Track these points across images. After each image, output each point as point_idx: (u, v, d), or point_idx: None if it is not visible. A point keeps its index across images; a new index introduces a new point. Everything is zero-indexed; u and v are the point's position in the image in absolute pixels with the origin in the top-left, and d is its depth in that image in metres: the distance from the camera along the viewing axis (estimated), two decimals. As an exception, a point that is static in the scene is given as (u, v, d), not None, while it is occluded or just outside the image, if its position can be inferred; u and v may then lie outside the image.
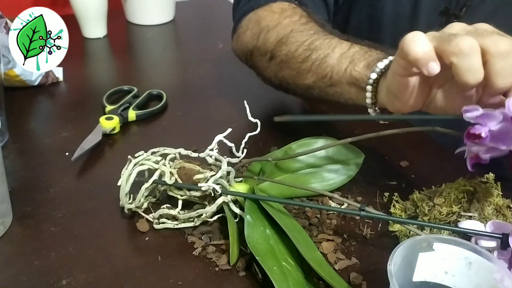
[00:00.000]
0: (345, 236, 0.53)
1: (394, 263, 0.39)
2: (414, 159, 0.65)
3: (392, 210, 0.55)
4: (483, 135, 0.42)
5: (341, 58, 0.56)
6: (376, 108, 0.53)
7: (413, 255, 0.42)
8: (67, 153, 0.65)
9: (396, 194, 0.57)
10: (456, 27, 0.45)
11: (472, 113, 0.43)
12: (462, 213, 0.50)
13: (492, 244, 0.45)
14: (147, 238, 0.52)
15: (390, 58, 0.52)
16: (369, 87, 0.52)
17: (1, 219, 0.52)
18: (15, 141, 0.68)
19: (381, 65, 0.52)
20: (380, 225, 0.54)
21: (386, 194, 0.58)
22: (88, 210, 0.56)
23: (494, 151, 0.44)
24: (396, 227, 0.52)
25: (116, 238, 0.53)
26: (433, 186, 0.56)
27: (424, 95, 0.47)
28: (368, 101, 0.53)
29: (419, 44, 0.43)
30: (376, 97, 0.52)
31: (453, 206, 0.52)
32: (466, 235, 0.47)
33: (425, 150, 0.68)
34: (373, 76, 0.52)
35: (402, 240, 0.51)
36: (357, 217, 0.55)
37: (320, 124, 0.72)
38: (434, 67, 0.43)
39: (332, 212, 0.56)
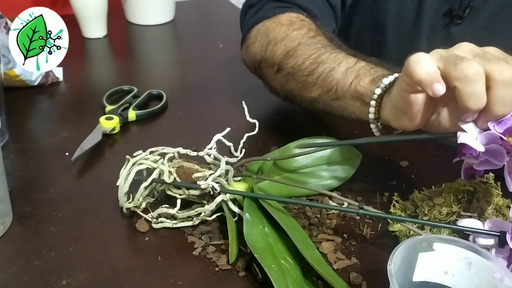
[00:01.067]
0: (345, 236, 0.53)
1: (394, 263, 0.39)
2: (414, 159, 0.65)
3: (392, 210, 0.56)
4: (474, 154, 0.44)
5: (346, 72, 0.56)
6: (379, 123, 0.54)
7: (413, 255, 0.42)
8: (67, 153, 0.65)
9: (396, 194, 0.57)
10: (465, 48, 0.45)
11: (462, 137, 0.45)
12: (462, 213, 0.50)
13: (490, 242, 0.45)
14: (147, 238, 0.52)
15: (396, 75, 0.52)
16: (373, 102, 0.52)
17: (1, 219, 0.52)
18: (15, 141, 0.68)
19: (386, 81, 0.52)
20: (380, 225, 0.54)
21: (386, 194, 0.58)
22: (88, 210, 0.56)
23: (488, 164, 0.45)
24: (396, 227, 0.52)
25: (116, 238, 0.53)
26: (433, 186, 0.56)
27: (429, 112, 0.47)
28: (371, 116, 0.53)
29: (423, 65, 0.43)
30: (379, 112, 0.53)
31: (453, 206, 0.52)
32: (464, 233, 0.47)
33: (425, 150, 0.68)
34: (378, 91, 0.52)
35: (402, 240, 0.51)
36: (357, 217, 0.56)
37: (320, 123, 0.72)
38: (439, 88, 0.43)
39: (332, 212, 0.56)
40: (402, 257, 0.40)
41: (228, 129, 0.54)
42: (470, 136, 0.44)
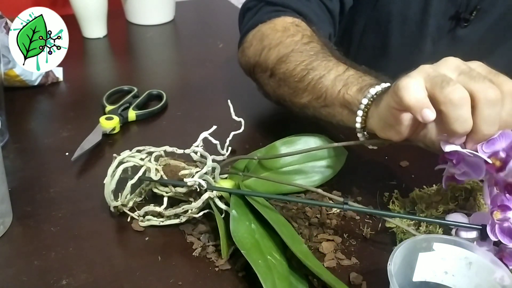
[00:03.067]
0: (345, 236, 0.53)
1: (394, 263, 0.39)
2: (414, 159, 0.65)
3: (390, 206, 0.56)
4: (454, 162, 0.45)
5: (335, 80, 0.56)
6: (365, 132, 0.54)
7: (413, 255, 0.42)
8: (67, 153, 0.65)
9: (396, 191, 0.57)
10: (450, 64, 0.45)
11: (448, 146, 0.45)
12: (458, 211, 0.51)
13: (472, 235, 0.46)
14: (147, 238, 0.52)
15: (383, 85, 0.52)
16: (359, 112, 0.52)
17: (1, 219, 0.52)
18: (15, 141, 0.68)
19: (373, 91, 0.52)
20: (380, 225, 0.54)
21: (386, 194, 0.58)
22: (88, 210, 0.56)
23: (469, 175, 0.46)
24: (393, 223, 0.52)
25: (116, 238, 0.53)
26: (434, 185, 0.56)
27: (416, 126, 0.48)
28: (358, 125, 0.53)
29: (412, 91, 0.43)
30: (365, 122, 0.53)
31: (450, 203, 0.52)
32: (448, 227, 0.48)
33: (425, 150, 0.68)
34: (364, 101, 0.52)
35: (399, 236, 0.51)
36: (357, 217, 0.56)
37: (319, 124, 0.72)
38: (428, 115, 0.43)
39: (332, 212, 0.56)
40: (402, 257, 0.41)
41: (214, 127, 0.54)
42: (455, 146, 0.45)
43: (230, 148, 0.56)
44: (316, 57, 0.60)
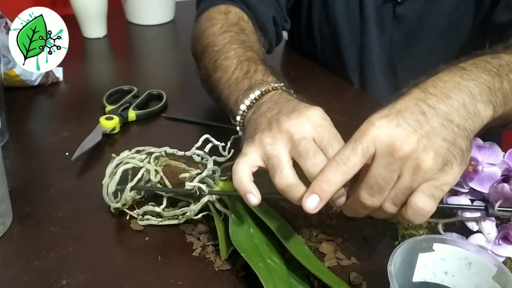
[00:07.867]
0: (345, 236, 0.53)
1: (394, 264, 0.39)
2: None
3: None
4: (479, 168, 0.46)
5: (225, 84, 0.58)
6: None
7: (413, 255, 0.42)
8: (67, 153, 0.65)
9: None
10: (284, 137, 0.46)
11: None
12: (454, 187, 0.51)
13: (477, 214, 0.46)
14: (147, 238, 0.52)
15: (252, 96, 0.52)
16: (237, 122, 0.54)
17: (1, 219, 0.52)
18: (15, 141, 0.68)
19: (243, 107, 0.53)
20: (380, 225, 0.54)
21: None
22: (88, 210, 0.56)
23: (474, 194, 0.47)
24: (396, 218, 0.52)
25: (116, 238, 0.53)
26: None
27: None
28: (238, 128, 0.55)
29: (237, 178, 0.45)
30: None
31: None
32: (451, 211, 0.48)
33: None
34: (238, 118, 0.53)
35: (401, 232, 0.51)
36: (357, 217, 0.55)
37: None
38: (251, 199, 0.45)
39: (332, 212, 0.56)
40: (402, 258, 0.41)
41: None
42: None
43: (232, 150, 0.56)
44: (220, 54, 0.61)
